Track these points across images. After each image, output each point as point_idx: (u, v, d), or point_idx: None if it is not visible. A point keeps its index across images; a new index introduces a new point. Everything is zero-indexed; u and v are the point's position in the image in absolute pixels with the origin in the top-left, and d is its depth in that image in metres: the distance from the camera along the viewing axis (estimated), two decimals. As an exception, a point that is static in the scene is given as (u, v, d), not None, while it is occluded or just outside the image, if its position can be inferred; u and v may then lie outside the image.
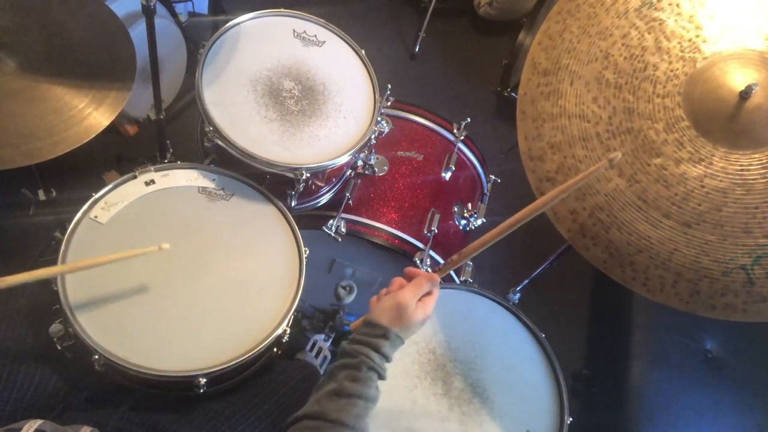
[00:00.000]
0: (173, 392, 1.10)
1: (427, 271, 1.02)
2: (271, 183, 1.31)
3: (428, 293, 0.98)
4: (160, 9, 2.06)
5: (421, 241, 1.56)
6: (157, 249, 1.05)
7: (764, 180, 1.04)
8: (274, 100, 1.37)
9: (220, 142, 1.27)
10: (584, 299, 2.39)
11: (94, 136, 1.17)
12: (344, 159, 1.35)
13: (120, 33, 1.30)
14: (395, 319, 0.93)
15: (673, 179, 1.06)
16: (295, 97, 1.39)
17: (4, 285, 0.89)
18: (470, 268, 1.68)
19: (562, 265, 1.61)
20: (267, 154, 1.27)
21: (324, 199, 1.52)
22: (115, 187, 1.19)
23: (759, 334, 2.30)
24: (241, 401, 1.13)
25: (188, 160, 1.31)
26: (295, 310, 1.16)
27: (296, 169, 1.28)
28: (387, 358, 0.92)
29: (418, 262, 1.51)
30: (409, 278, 0.99)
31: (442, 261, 1.54)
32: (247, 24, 1.45)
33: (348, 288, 1.59)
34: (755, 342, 2.30)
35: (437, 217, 1.58)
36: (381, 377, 0.92)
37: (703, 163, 1.05)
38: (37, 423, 0.77)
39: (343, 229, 1.49)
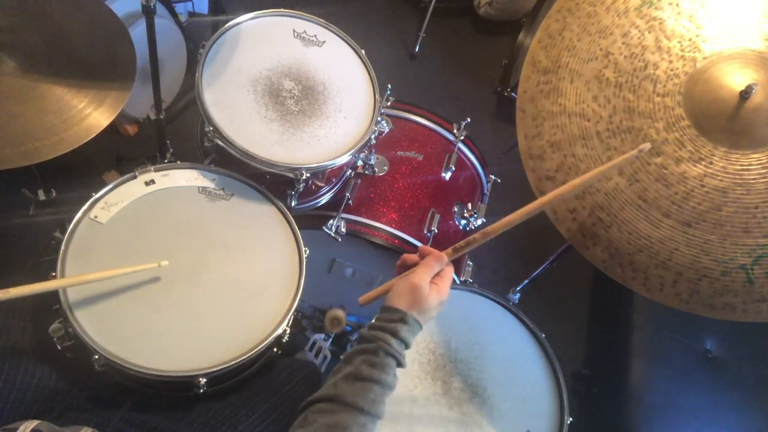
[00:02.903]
0: (173, 392, 1.10)
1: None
2: (271, 183, 1.31)
3: (440, 274, 0.97)
4: (160, 9, 2.06)
5: (421, 241, 1.56)
6: (156, 265, 1.06)
7: (764, 180, 1.04)
8: (274, 100, 1.37)
9: (220, 142, 1.27)
10: (584, 299, 2.39)
11: (94, 136, 1.17)
12: (344, 159, 1.35)
13: (120, 33, 1.30)
14: (412, 301, 0.92)
15: (673, 178, 1.06)
16: (295, 97, 1.39)
17: (8, 296, 0.89)
18: (470, 268, 1.68)
19: (562, 265, 1.61)
20: (267, 154, 1.27)
21: (324, 199, 1.52)
22: (115, 187, 1.19)
23: (759, 334, 2.30)
24: (241, 401, 1.13)
25: (188, 160, 1.31)
26: (295, 310, 1.16)
27: (296, 169, 1.28)
28: (406, 344, 0.91)
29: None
30: (422, 256, 0.98)
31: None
32: (247, 24, 1.45)
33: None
34: (755, 342, 2.30)
35: (437, 217, 1.58)
36: (400, 364, 0.90)
37: (703, 163, 1.05)
38: (33, 423, 0.76)
39: (343, 229, 1.49)
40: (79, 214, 1.13)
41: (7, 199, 1.73)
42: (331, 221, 1.49)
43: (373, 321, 0.94)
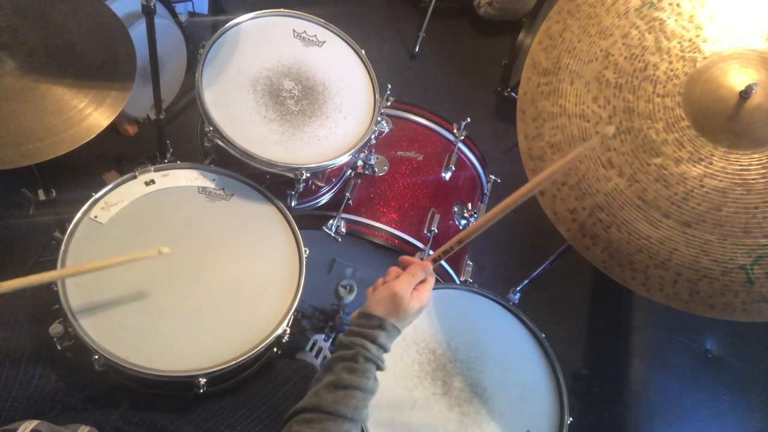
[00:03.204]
0: (173, 392, 1.10)
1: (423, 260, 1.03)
2: (271, 183, 1.31)
3: (423, 282, 0.98)
4: (160, 9, 2.06)
5: (421, 241, 1.56)
6: (157, 253, 1.04)
7: (764, 180, 1.04)
8: (274, 100, 1.37)
9: (220, 142, 1.27)
10: (584, 299, 2.39)
11: (94, 136, 1.17)
12: (344, 159, 1.35)
13: (120, 33, 1.30)
14: (391, 309, 0.93)
15: (673, 179, 1.06)
16: (295, 97, 1.39)
17: (1, 290, 0.88)
18: (470, 268, 1.68)
19: (562, 265, 1.61)
20: (267, 154, 1.27)
21: (324, 199, 1.52)
22: (115, 187, 1.19)
23: (759, 334, 2.30)
24: (240, 401, 1.13)
25: (188, 160, 1.31)
26: (295, 310, 1.16)
27: (296, 169, 1.28)
28: (384, 349, 0.92)
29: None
30: (405, 267, 1.00)
31: (442, 261, 1.55)
32: (247, 24, 1.45)
33: (348, 287, 1.59)
34: (755, 342, 2.30)
35: (437, 217, 1.58)
36: (379, 368, 0.92)
37: (703, 163, 1.05)
38: (33, 423, 0.76)
39: (343, 229, 1.49)
40: (79, 214, 1.13)
41: (7, 199, 1.74)
42: (331, 221, 1.49)
43: (351, 327, 0.94)
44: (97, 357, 0.99)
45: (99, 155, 2.10)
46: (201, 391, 1.05)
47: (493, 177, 1.90)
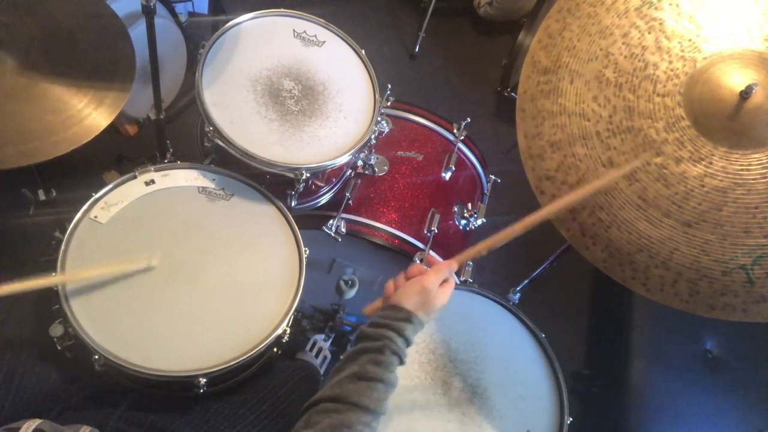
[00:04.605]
0: (173, 392, 1.10)
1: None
2: (271, 183, 1.31)
3: (446, 281, 0.99)
4: (160, 9, 2.06)
5: (421, 241, 1.56)
6: (146, 264, 1.06)
7: (764, 180, 1.04)
8: (274, 100, 1.37)
9: (220, 142, 1.27)
10: (584, 299, 2.39)
11: (94, 136, 1.17)
12: (344, 159, 1.35)
13: (120, 33, 1.30)
14: (419, 303, 0.93)
15: (673, 178, 1.06)
16: (295, 97, 1.39)
17: None
18: (470, 268, 1.68)
19: (562, 265, 1.61)
20: (267, 154, 1.27)
21: (324, 199, 1.52)
22: (115, 187, 1.19)
23: (759, 334, 2.30)
24: (240, 401, 1.13)
25: (188, 160, 1.31)
26: (295, 310, 1.16)
27: (296, 169, 1.28)
28: (408, 342, 0.92)
29: (417, 262, 1.51)
30: (429, 266, 1.01)
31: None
32: (247, 24, 1.45)
33: (350, 282, 1.59)
34: (755, 342, 2.30)
35: (437, 217, 1.58)
36: (401, 362, 0.91)
37: (703, 163, 1.05)
38: (36, 422, 0.77)
39: (343, 229, 1.49)
40: (79, 214, 1.13)
41: (7, 199, 1.73)
42: (331, 221, 1.49)
43: (377, 318, 0.93)
44: (97, 357, 0.99)
45: (99, 155, 2.10)
46: (201, 391, 1.05)
47: (493, 177, 1.90)
